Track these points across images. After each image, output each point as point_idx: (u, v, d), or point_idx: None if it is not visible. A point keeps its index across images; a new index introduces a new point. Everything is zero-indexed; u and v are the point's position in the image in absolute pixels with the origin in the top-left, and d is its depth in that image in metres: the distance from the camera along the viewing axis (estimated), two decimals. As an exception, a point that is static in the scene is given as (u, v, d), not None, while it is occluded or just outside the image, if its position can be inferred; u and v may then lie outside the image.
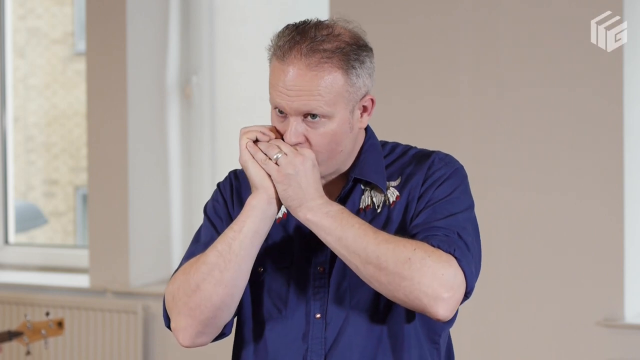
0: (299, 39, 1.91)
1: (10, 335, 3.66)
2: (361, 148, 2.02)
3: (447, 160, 2.02)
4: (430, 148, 2.08)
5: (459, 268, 1.86)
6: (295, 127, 1.92)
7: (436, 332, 2.01)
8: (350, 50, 1.92)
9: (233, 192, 2.08)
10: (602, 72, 3.68)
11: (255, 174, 1.91)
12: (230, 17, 4.91)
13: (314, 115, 1.91)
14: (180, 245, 4.81)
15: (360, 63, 1.93)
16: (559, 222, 3.78)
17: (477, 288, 1.97)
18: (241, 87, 4.91)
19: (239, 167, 2.09)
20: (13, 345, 4.59)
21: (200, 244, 2.04)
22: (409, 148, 2.07)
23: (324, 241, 1.89)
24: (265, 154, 1.90)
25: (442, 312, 1.84)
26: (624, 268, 3.69)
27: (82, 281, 4.85)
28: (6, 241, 5.30)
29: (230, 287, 1.91)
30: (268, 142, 1.92)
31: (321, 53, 1.89)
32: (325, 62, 1.89)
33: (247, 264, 1.92)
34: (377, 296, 1.95)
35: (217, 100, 4.87)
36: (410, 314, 1.97)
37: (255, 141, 1.93)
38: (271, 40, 1.95)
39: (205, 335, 1.97)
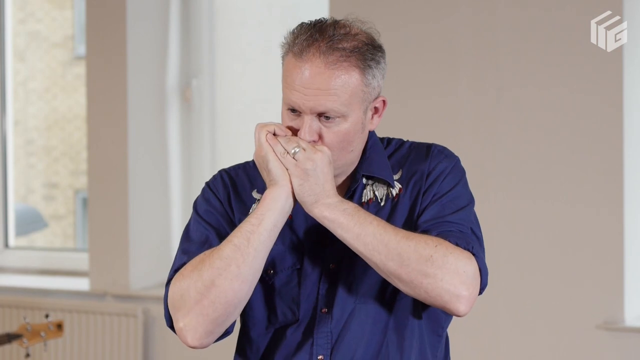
0: (318, 36, 1.91)
1: (10, 338, 3.65)
2: (365, 146, 2.03)
3: (447, 153, 2.04)
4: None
5: (477, 265, 1.88)
6: (310, 125, 1.92)
7: (440, 324, 2.03)
8: (367, 50, 1.93)
9: (229, 191, 2.06)
10: (602, 72, 3.68)
11: (276, 168, 1.90)
12: (230, 21, 4.91)
13: (328, 115, 1.92)
14: (180, 248, 4.80)
15: (376, 63, 1.94)
16: (558, 224, 3.78)
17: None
18: (241, 91, 4.91)
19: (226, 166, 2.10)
20: (13, 348, 4.59)
21: (193, 242, 2.01)
22: (403, 141, 2.09)
23: (340, 238, 1.89)
24: (284, 148, 1.90)
25: (462, 308, 1.86)
26: (624, 271, 3.69)
27: (82, 284, 4.85)
28: (6, 244, 5.30)
29: (246, 282, 1.89)
30: (285, 136, 1.92)
31: (340, 51, 1.90)
32: (343, 61, 1.90)
33: (263, 258, 1.91)
34: (382, 290, 1.96)
35: (217, 104, 4.87)
36: (416, 308, 1.98)
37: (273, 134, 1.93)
38: (285, 38, 1.95)
39: (213, 335, 1.93)
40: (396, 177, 2.02)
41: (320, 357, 1.96)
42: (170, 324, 1.97)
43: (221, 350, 2.75)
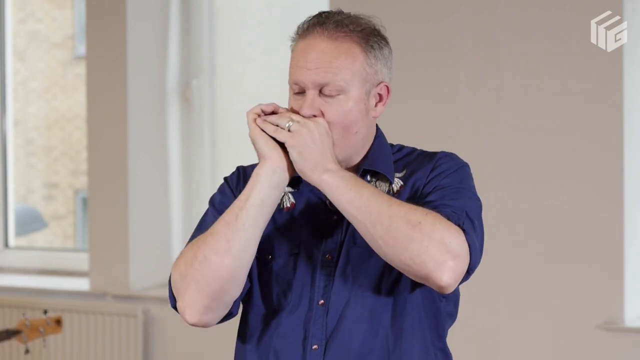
0: (324, 20, 1.98)
1: (9, 334, 3.66)
2: (372, 144, 2.06)
3: (453, 157, 2.07)
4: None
5: (466, 240, 1.88)
6: (311, 100, 1.96)
7: (440, 323, 2.04)
8: (371, 33, 2.01)
9: (240, 183, 2.09)
10: (602, 72, 3.68)
11: (262, 145, 1.93)
12: (231, 21, 4.91)
13: (330, 91, 1.96)
14: (180, 248, 4.80)
15: (379, 48, 2.01)
16: (558, 225, 3.78)
17: (477, 292, 1.98)
18: (241, 91, 4.91)
19: (245, 164, 2.14)
20: (12, 344, 4.59)
21: (202, 231, 2.03)
22: (414, 149, 2.12)
23: (336, 202, 1.91)
24: (277, 125, 1.93)
25: (446, 279, 1.85)
26: (623, 271, 3.69)
27: (82, 284, 4.85)
28: (6, 244, 5.30)
29: (237, 258, 1.92)
30: (279, 113, 1.95)
31: (344, 28, 1.97)
32: (346, 36, 1.97)
33: (254, 234, 1.94)
34: (380, 283, 1.98)
35: (217, 104, 4.87)
36: (415, 303, 1.99)
37: (269, 114, 1.96)
38: (294, 32, 2.02)
39: (213, 312, 1.96)
40: (399, 175, 2.04)
41: (314, 346, 1.98)
42: (174, 304, 2.00)
43: (222, 350, 2.75)
